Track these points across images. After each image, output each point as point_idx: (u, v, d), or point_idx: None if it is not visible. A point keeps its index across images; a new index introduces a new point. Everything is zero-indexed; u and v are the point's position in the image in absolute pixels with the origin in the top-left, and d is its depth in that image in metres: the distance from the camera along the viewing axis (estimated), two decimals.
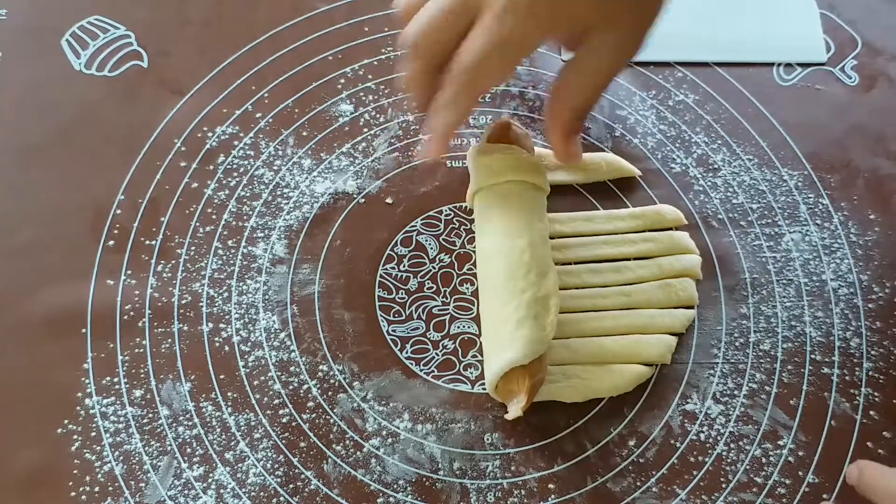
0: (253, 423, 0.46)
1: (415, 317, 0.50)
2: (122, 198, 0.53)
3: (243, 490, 0.44)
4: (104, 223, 0.52)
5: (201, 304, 0.49)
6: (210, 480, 0.44)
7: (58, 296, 0.49)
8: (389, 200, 0.53)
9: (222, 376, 0.47)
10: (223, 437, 0.46)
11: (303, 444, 0.46)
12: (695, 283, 0.50)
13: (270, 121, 0.56)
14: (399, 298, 0.50)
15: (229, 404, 0.47)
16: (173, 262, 0.51)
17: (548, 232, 0.48)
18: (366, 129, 0.56)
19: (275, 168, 0.54)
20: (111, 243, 0.51)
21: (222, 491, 0.44)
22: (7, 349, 0.48)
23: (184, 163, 0.54)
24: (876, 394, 0.48)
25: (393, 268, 0.51)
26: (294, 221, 0.52)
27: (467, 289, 0.50)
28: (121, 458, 0.45)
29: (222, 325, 0.49)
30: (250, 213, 0.53)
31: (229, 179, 0.54)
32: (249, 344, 0.48)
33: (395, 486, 0.45)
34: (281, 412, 0.46)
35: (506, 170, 0.48)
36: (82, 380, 0.47)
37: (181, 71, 0.58)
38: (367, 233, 0.52)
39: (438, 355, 0.49)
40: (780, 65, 0.60)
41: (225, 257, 0.51)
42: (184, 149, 0.55)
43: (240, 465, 0.45)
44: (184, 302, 0.49)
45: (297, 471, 0.45)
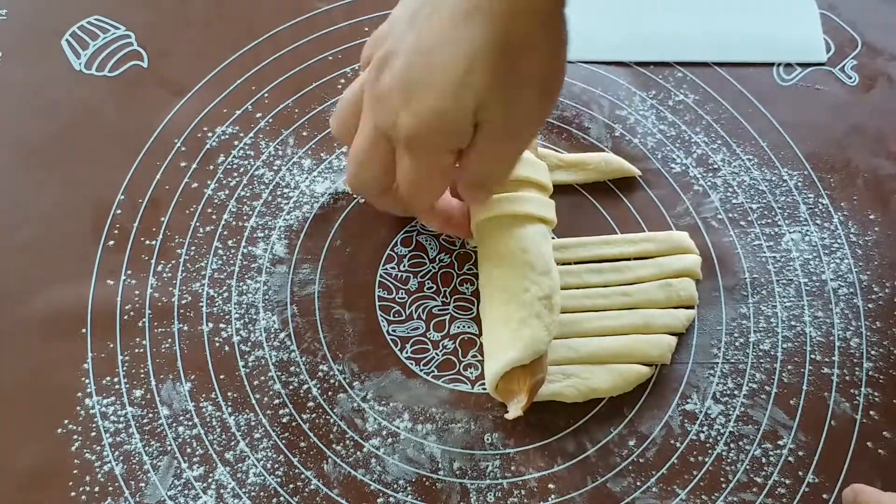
0: (253, 423, 0.46)
1: (415, 317, 0.50)
2: (123, 198, 0.53)
3: (243, 490, 0.44)
4: (104, 223, 0.52)
5: (201, 304, 0.49)
6: (210, 480, 0.44)
7: (58, 296, 0.49)
8: None
9: (222, 376, 0.47)
10: (223, 437, 0.46)
11: (303, 444, 0.46)
12: (695, 282, 0.50)
13: (270, 121, 0.56)
14: (399, 298, 0.50)
15: (229, 404, 0.47)
16: (173, 262, 0.51)
17: (550, 231, 0.48)
18: None
19: (275, 168, 0.54)
20: (111, 243, 0.51)
21: (222, 491, 0.44)
22: (7, 349, 0.48)
23: (184, 163, 0.54)
24: (876, 394, 0.48)
25: (393, 268, 0.51)
26: (294, 221, 0.52)
27: (467, 289, 0.50)
28: (121, 457, 0.45)
29: (222, 325, 0.49)
30: (250, 213, 0.53)
31: (229, 179, 0.54)
32: (249, 344, 0.48)
33: (395, 486, 0.45)
34: (281, 412, 0.46)
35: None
36: (82, 380, 0.47)
37: (181, 71, 0.58)
38: (367, 233, 0.52)
39: (438, 355, 0.49)
40: (780, 65, 0.60)
41: (225, 257, 0.51)
42: (184, 149, 0.55)
43: (240, 465, 0.45)
44: (184, 302, 0.49)
45: (297, 471, 0.45)
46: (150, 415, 0.46)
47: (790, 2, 0.62)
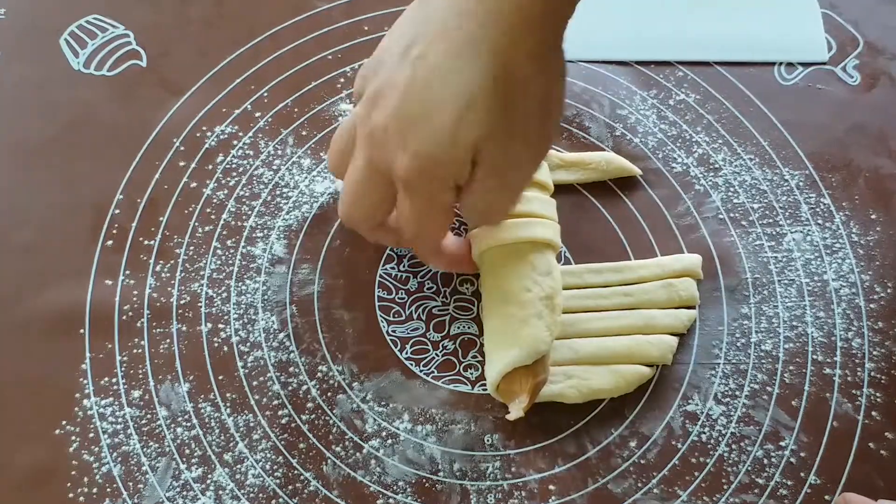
0: (252, 424, 0.46)
1: (415, 317, 0.49)
2: (121, 197, 0.53)
3: (242, 491, 0.44)
4: (103, 223, 0.52)
5: (200, 305, 0.49)
6: (209, 481, 0.44)
7: (56, 296, 0.49)
8: None
9: (221, 377, 0.47)
10: (222, 437, 0.45)
11: (302, 445, 0.45)
12: (696, 283, 0.50)
13: (270, 120, 0.56)
14: (399, 298, 0.50)
15: (228, 405, 0.46)
16: (172, 262, 0.51)
17: (557, 234, 0.48)
18: None
19: (274, 168, 0.54)
20: (110, 243, 0.51)
21: (221, 492, 0.44)
22: (5, 349, 0.48)
23: (183, 162, 0.54)
24: (878, 394, 0.48)
25: (393, 268, 0.51)
26: (293, 221, 0.52)
27: (467, 289, 0.50)
28: (119, 459, 0.45)
29: (221, 326, 0.49)
30: (249, 212, 0.52)
31: (228, 179, 0.54)
32: (248, 344, 0.48)
33: (395, 488, 0.44)
34: (280, 413, 0.46)
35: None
36: (80, 380, 0.47)
37: (180, 70, 0.58)
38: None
39: (438, 356, 0.48)
40: (781, 64, 0.59)
41: (224, 257, 0.51)
42: (183, 148, 0.54)
43: (239, 466, 0.45)
44: (182, 302, 0.49)
45: (296, 472, 0.45)
46: (149, 416, 0.46)
47: (792, 1, 0.62)
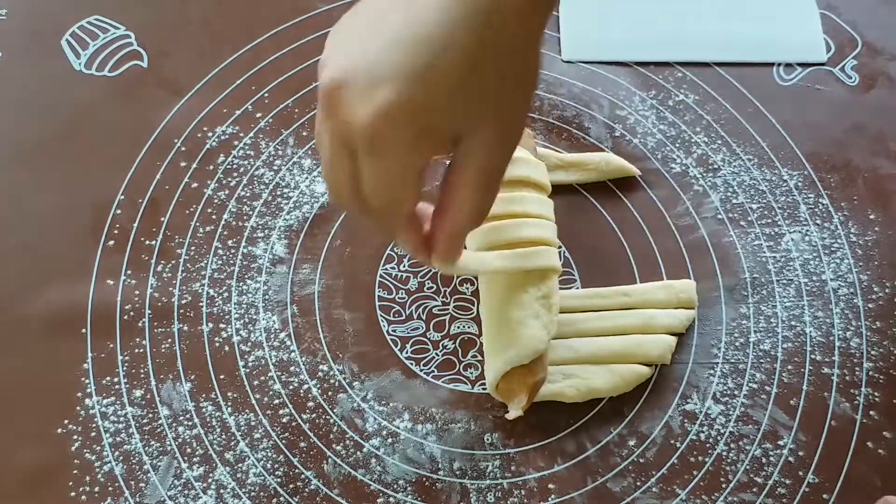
0: (253, 423, 0.46)
1: (415, 317, 0.50)
2: (122, 198, 0.53)
3: (243, 490, 0.44)
4: (104, 223, 0.52)
5: (201, 304, 0.49)
6: (210, 480, 0.44)
7: (58, 296, 0.49)
8: None
9: (222, 376, 0.47)
10: (223, 437, 0.46)
11: (303, 444, 0.46)
12: (695, 283, 0.50)
13: (270, 121, 0.56)
14: (399, 298, 0.50)
15: (229, 404, 0.47)
16: (173, 262, 0.51)
17: (554, 233, 0.48)
18: None
19: (275, 168, 0.54)
20: (111, 243, 0.51)
21: (222, 491, 0.44)
22: (7, 349, 0.48)
23: (184, 163, 0.54)
24: (876, 394, 0.48)
25: (393, 268, 0.51)
26: (294, 221, 0.52)
27: (467, 289, 0.50)
28: (121, 458, 0.45)
29: (222, 325, 0.49)
30: (250, 213, 0.53)
31: (229, 179, 0.54)
32: (249, 344, 0.48)
33: (396, 486, 0.44)
34: (281, 412, 0.46)
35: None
36: (82, 380, 0.47)
37: (181, 71, 0.58)
38: (367, 233, 0.52)
39: (438, 355, 0.49)
40: (780, 65, 0.60)
41: (225, 257, 0.51)
42: (184, 149, 0.55)
43: (240, 465, 0.45)
44: (184, 302, 0.49)
45: (297, 471, 0.45)
46: (150, 415, 0.46)
47: (790, 2, 0.62)
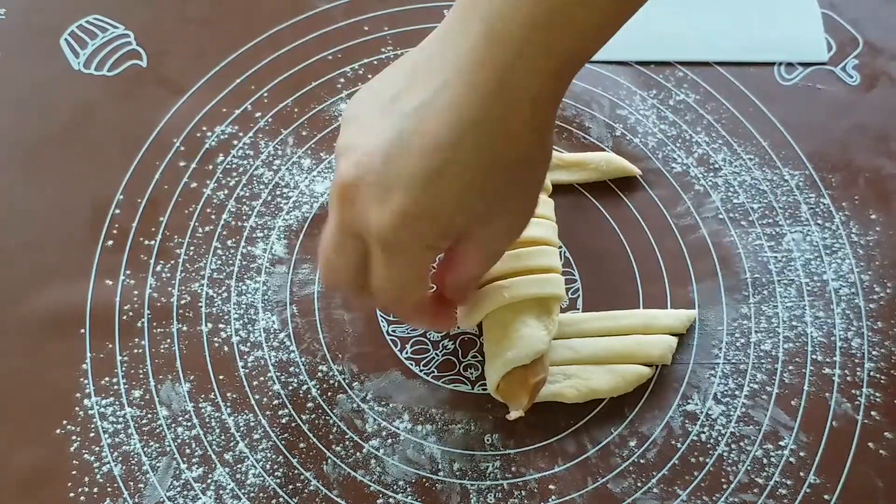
0: (252, 424, 0.46)
1: None
2: (121, 197, 0.53)
3: (242, 491, 0.44)
4: (103, 223, 0.52)
5: (200, 305, 0.49)
6: (209, 481, 0.44)
7: (56, 296, 0.49)
8: None
9: (221, 377, 0.47)
10: (222, 437, 0.45)
11: (302, 445, 0.45)
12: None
13: (270, 120, 0.56)
14: None
15: (228, 405, 0.46)
16: (172, 262, 0.51)
17: (554, 233, 0.48)
18: None
19: (274, 168, 0.54)
20: (110, 243, 0.51)
21: (221, 492, 0.44)
22: (5, 349, 0.48)
23: (183, 162, 0.54)
24: (877, 394, 0.48)
25: None
26: (294, 221, 0.52)
27: None
28: (120, 458, 0.45)
29: (221, 326, 0.49)
30: (250, 212, 0.53)
31: (228, 179, 0.54)
32: (249, 344, 0.48)
33: (395, 487, 0.44)
34: (280, 413, 0.46)
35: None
36: (81, 380, 0.47)
37: (180, 70, 0.58)
38: None
39: (438, 356, 0.48)
40: (781, 64, 0.60)
41: (224, 257, 0.51)
42: (183, 148, 0.55)
43: (239, 465, 0.45)
44: (183, 302, 0.49)
45: (296, 471, 0.45)
46: (149, 415, 0.46)
47: (791, 1, 0.62)
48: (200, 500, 0.44)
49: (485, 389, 0.47)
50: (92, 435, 0.45)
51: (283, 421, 0.46)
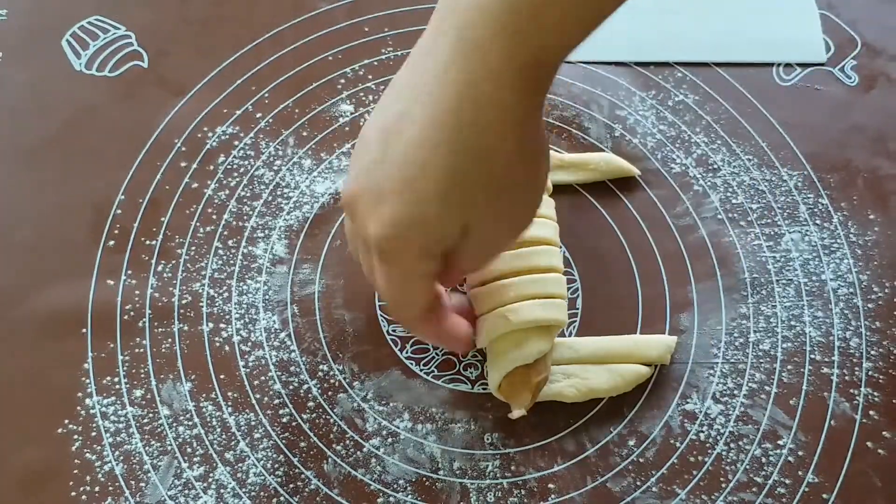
0: (253, 423, 0.46)
1: None
2: (123, 198, 0.53)
3: (243, 490, 0.44)
4: (104, 223, 0.52)
5: (201, 304, 0.49)
6: (210, 480, 0.44)
7: (58, 296, 0.49)
8: None
9: (222, 376, 0.47)
10: (223, 436, 0.46)
11: (303, 444, 0.46)
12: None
13: (270, 121, 0.56)
14: None
15: (229, 404, 0.47)
16: (173, 262, 0.51)
17: (556, 233, 0.48)
18: None
19: (275, 168, 0.54)
20: (111, 243, 0.51)
21: (222, 491, 0.44)
22: (7, 349, 0.48)
23: (184, 163, 0.54)
24: (875, 393, 0.48)
25: None
26: (294, 221, 0.53)
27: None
28: (121, 457, 0.45)
29: (222, 325, 0.49)
30: (250, 213, 0.53)
31: (229, 179, 0.54)
32: (250, 344, 0.48)
33: (396, 486, 0.45)
34: (281, 412, 0.46)
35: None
36: (83, 380, 0.47)
37: (181, 71, 0.58)
38: None
39: (438, 355, 0.49)
40: (779, 65, 0.60)
41: (225, 257, 0.51)
42: (184, 149, 0.55)
43: (240, 464, 0.45)
44: (184, 302, 0.50)
45: (297, 470, 0.45)
46: (151, 415, 0.46)
47: (790, 2, 0.62)
48: (201, 499, 0.44)
49: (485, 389, 0.47)
50: (93, 434, 0.45)
51: (284, 420, 0.46)
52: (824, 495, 0.45)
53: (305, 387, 0.47)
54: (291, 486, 0.44)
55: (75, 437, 0.45)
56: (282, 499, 0.44)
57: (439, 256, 0.37)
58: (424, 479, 0.45)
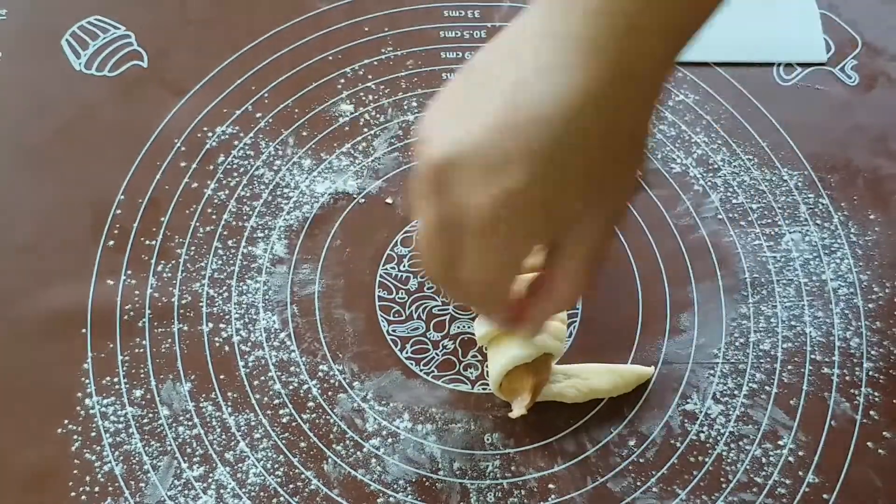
0: (253, 423, 0.46)
1: (415, 317, 0.50)
2: (122, 198, 0.53)
3: (243, 490, 0.44)
4: (104, 223, 0.52)
5: (201, 304, 0.49)
6: (210, 480, 0.44)
7: (58, 296, 0.49)
8: (389, 200, 0.53)
9: (222, 376, 0.47)
10: (223, 437, 0.46)
11: (303, 444, 0.46)
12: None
13: (270, 121, 0.56)
14: (399, 298, 0.50)
15: (229, 404, 0.47)
16: (173, 262, 0.51)
17: None
18: (366, 129, 0.56)
19: (275, 168, 0.54)
20: (111, 243, 0.51)
21: (222, 491, 0.44)
22: (7, 349, 0.48)
23: (184, 163, 0.54)
24: (876, 394, 0.48)
25: (393, 268, 0.51)
26: (294, 221, 0.52)
27: None
28: (121, 458, 0.45)
29: (222, 325, 0.49)
30: (250, 213, 0.53)
31: (229, 179, 0.54)
32: (249, 344, 0.48)
33: (395, 486, 0.45)
34: (281, 412, 0.46)
35: None
36: (82, 380, 0.47)
37: (181, 71, 0.58)
38: (367, 233, 0.52)
39: (438, 355, 0.49)
40: (780, 65, 0.60)
41: (225, 257, 0.51)
42: (184, 149, 0.55)
43: (240, 465, 0.45)
44: (184, 302, 0.49)
45: (297, 471, 0.45)
46: (150, 415, 0.46)
47: (790, 2, 0.62)
48: (201, 500, 0.44)
49: (485, 389, 0.47)
50: (93, 434, 0.45)
51: (284, 420, 0.46)
52: (825, 496, 0.45)
53: (305, 387, 0.47)
54: (291, 486, 0.44)
55: (75, 437, 0.45)
56: (282, 499, 0.44)
57: (541, 238, 0.35)
58: (424, 479, 0.45)
